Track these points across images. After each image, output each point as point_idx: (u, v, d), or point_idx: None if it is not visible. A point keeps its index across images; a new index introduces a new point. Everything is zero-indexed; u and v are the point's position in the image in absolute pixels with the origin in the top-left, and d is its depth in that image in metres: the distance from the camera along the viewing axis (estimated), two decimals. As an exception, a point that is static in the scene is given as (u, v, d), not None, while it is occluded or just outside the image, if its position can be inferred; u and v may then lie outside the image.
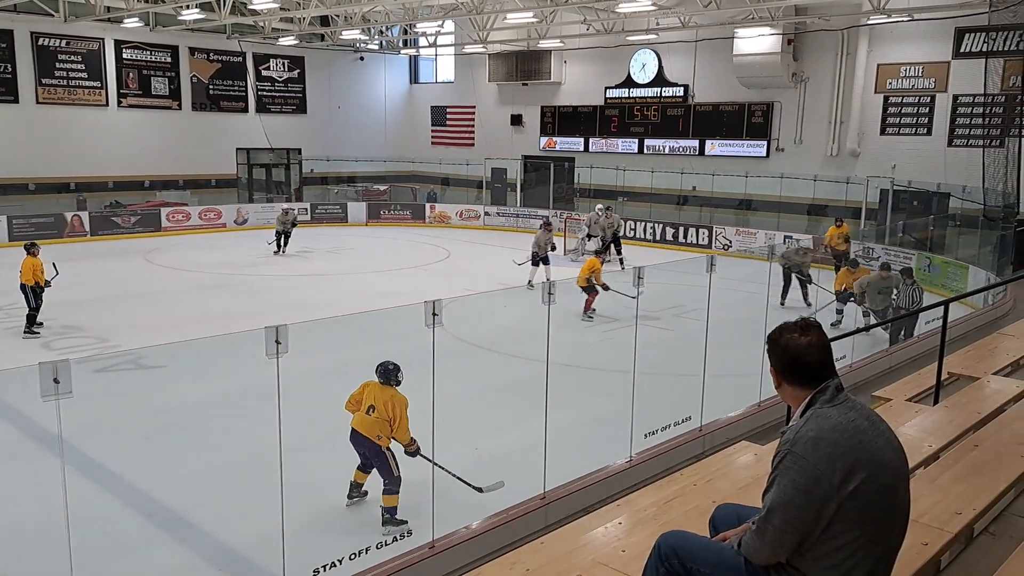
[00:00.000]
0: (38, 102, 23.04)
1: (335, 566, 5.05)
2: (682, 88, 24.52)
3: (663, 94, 24.97)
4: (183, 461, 7.64)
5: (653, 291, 8.00)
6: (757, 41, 21.62)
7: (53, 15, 22.30)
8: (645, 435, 7.16)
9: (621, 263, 18.35)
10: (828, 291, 13.58)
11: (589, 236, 19.68)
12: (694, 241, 22.62)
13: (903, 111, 20.40)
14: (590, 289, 13.18)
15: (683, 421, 7.60)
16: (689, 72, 24.37)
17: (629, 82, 25.70)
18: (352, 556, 5.14)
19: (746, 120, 23.30)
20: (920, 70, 19.94)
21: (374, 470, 6.52)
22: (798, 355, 2.60)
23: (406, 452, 6.41)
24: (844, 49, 21.00)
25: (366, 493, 6.69)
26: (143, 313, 13.82)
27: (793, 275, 14.50)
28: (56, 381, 3.68)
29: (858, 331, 9.41)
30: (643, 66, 25.31)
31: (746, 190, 23.05)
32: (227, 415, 8.84)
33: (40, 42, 22.88)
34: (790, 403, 2.69)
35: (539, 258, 16.82)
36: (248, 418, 8.15)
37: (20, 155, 22.60)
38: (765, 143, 22.93)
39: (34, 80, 22.89)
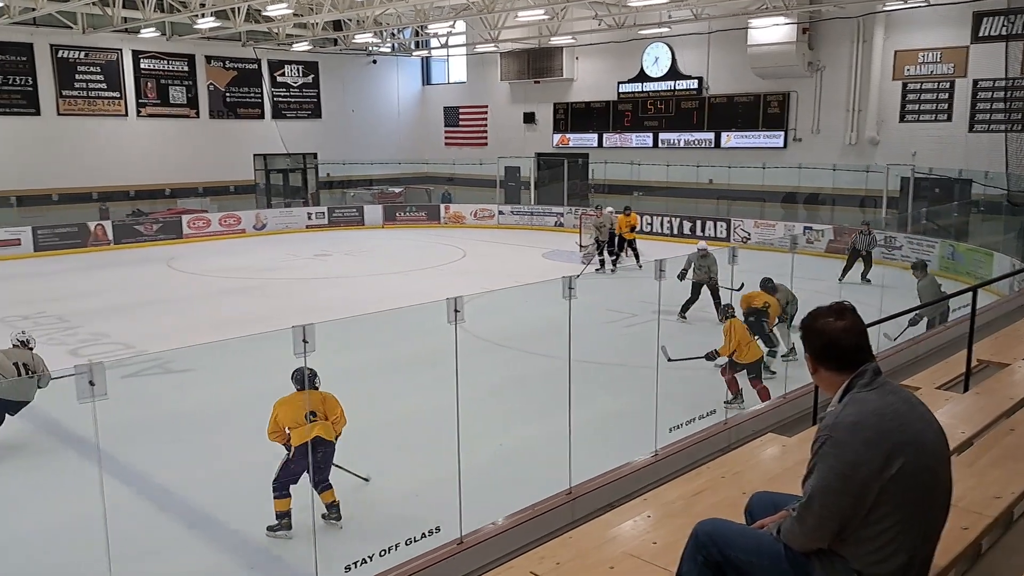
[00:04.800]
0: (59, 113, 23.34)
1: (366, 562, 5.09)
2: (696, 80, 24.41)
3: (677, 87, 24.88)
4: (213, 462, 7.73)
5: (670, 285, 8.00)
6: (772, 31, 21.48)
7: (72, 27, 22.56)
8: (670, 429, 7.15)
9: (614, 263, 18.16)
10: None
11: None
12: (711, 234, 22.51)
13: (922, 98, 20.20)
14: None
15: (708, 415, 7.58)
16: (703, 64, 24.26)
17: (642, 76, 25.62)
18: (382, 553, 5.17)
19: (762, 111, 23.16)
20: (938, 56, 19.73)
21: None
22: (834, 339, 2.58)
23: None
24: (860, 36, 20.82)
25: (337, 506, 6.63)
26: (168, 319, 13.97)
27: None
28: (91, 383, 3.74)
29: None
30: (656, 60, 25.23)
31: (763, 181, 22.92)
32: (255, 415, 8.90)
33: (60, 54, 23.17)
34: (826, 389, 2.67)
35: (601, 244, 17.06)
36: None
37: (43, 166, 22.90)
38: (782, 133, 22.78)
39: (55, 92, 23.18)
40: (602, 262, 17.84)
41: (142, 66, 24.90)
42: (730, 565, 2.67)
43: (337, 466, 6.47)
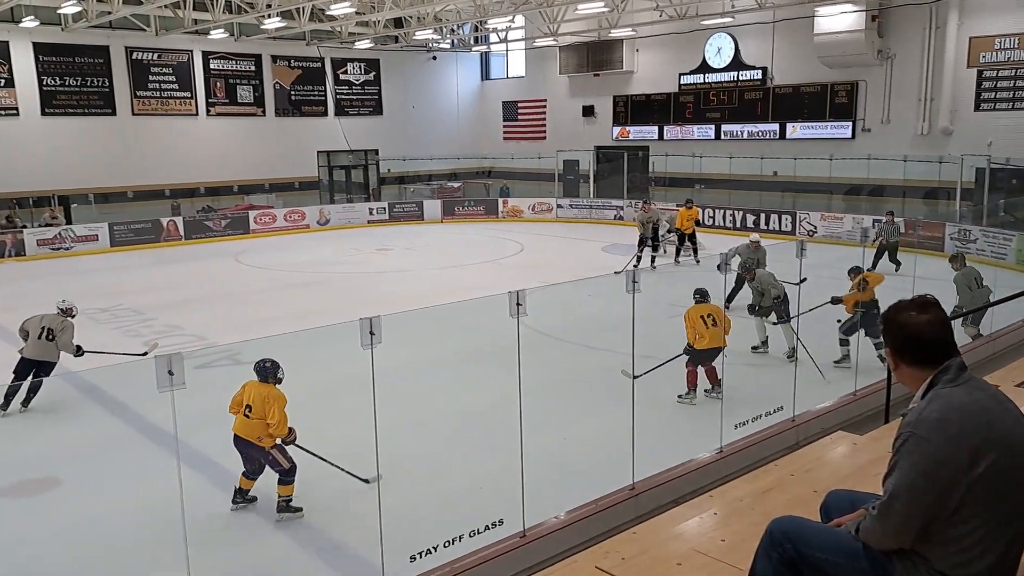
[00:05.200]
0: (133, 113, 24.19)
1: (431, 553, 5.15)
2: (760, 71, 23.92)
3: (740, 78, 24.41)
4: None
5: (729, 279, 7.87)
6: (839, 19, 20.90)
7: (145, 29, 23.36)
8: (735, 426, 7.06)
9: (678, 258, 17.83)
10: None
11: (668, 231, 19.34)
12: (776, 227, 22.05)
13: (999, 85, 19.39)
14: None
15: (774, 411, 7.45)
16: (767, 54, 23.75)
17: (704, 67, 25.22)
18: (447, 543, 5.23)
19: (829, 101, 22.56)
20: (1016, 41, 18.89)
21: (262, 474, 6.53)
22: (917, 333, 2.50)
23: (284, 443, 6.41)
24: (933, 23, 20.09)
25: (254, 499, 6.62)
26: (237, 311, 14.35)
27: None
28: (171, 373, 3.88)
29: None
30: (719, 50, 24.81)
31: (831, 173, 22.33)
32: (322, 405, 9.10)
33: (134, 56, 23.99)
34: (909, 385, 2.59)
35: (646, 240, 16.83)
36: (343, 408, 8.38)
37: (119, 165, 23.79)
38: (850, 124, 22.15)
39: (129, 92, 24.03)
40: (638, 258, 17.53)
41: (211, 66, 25.61)
42: (806, 563, 2.62)
43: (336, 466, 6.44)
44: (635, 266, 17.20)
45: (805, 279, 10.20)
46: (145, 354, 9.37)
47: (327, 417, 8.74)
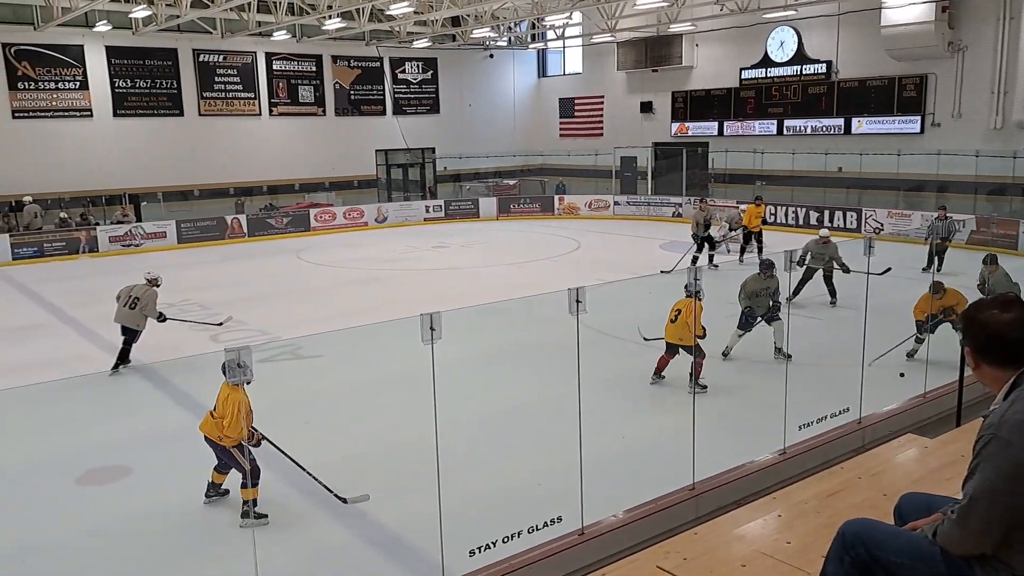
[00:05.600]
0: (200, 114, 24.88)
1: (489, 548, 5.16)
2: (824, 64, 23.35)
3: (803, 72, 23.89)
4: (340, 444, 8.04)
5: (795, 277, 7.70)
6: (908, 10, 20.27)
7: (211, 32, 24.00)
8: (799, 427, 6.90)
9: (741, 256, 17.45)
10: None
11: (731, 228, 19.01)
12: (841, 224, 21.49)
13: (1078, 76, 18.56)
14: None
15: (840, 413, 7.27)
16: (832, 47, 23.18)
17: (766, 61, 24.74)
18: (505, 539, 5.24)
19: (896, 95, 21.90)
20: (1098, 30, 18.06)
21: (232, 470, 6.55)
22: (1000, 332, 2.40)
23: (251, 447, 6.28)
24: (1006, 13, 19.33)
25: (227, 492, 6.71)
26: (298, 307, 14.64)
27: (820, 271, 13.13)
28: (239, 366, 3.97)
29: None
30: (781, 44, 24.31)
31: (899, 169, 21.67)
32: (382, 400, 9.22)
33: (201, 58, 24.68)
34: (991, 386, 2.49)
35: (700, 239, 16.62)
36: (402, 403, 8.47)
37: (185, 164, 24.51)
38: (919, 118, 21.46)
39: (196, 94, 24.72)
40: (695, 258, 17.20)
41: (274, 67, 26.18)
42: (880, 567, 2.54)
43: (316, 480, 6.39)
44: (691, 266, 16.94)
45: (889, 268, 9.90)
46: (221, 324, 11.04)
47: (386, 411, 8.86)
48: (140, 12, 20.45)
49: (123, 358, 10.40)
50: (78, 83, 22.74)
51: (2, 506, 6.92)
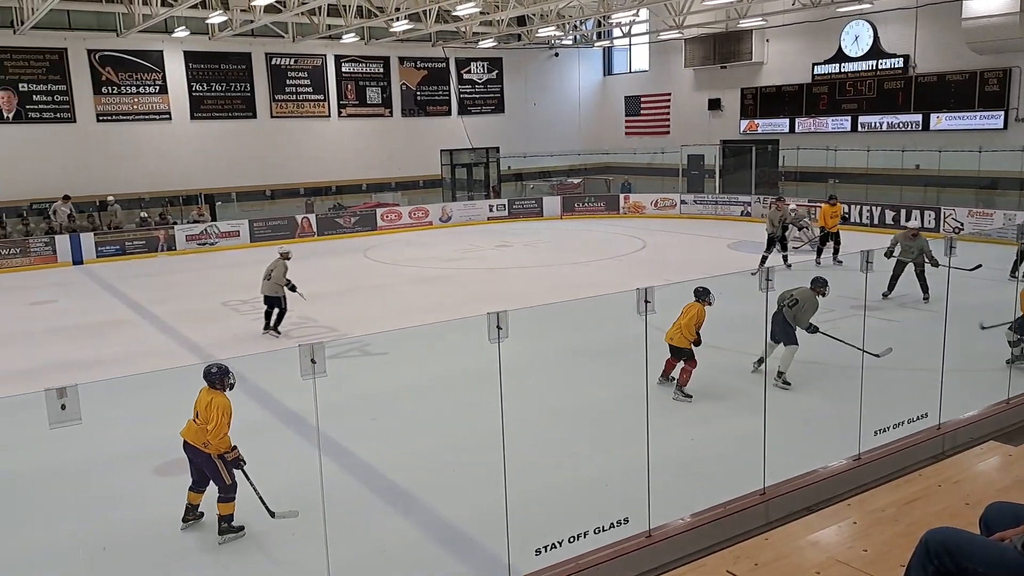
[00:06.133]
0: (272, 116, 25.55)
1: (555, 547, 5.16)
2: (901, 59, 22.58)
3: (879, 67, 23.14)
4: (407, 441, 8.15)
5: (871, 278, 7.46)
6: (990, 1, 19.44)
7: (283, 36, 24.61)
8: (875, 432, 6.70)
9: (818, 256, 17.00)
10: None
11: (800, 228, 18.55)
12: (918, 224, 20.63)
13: None
14: None
15: (918, 418, 7.03)
16: (909, 41, 22.40)
17: (840, 56, 24.07)
18: (571, 539, 5.23)
19: (978, 89, 21.02)
20: None
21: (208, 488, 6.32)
22: None
23: (226, 462, 6.10)
24: (1099, 1, 18.36)
25: (202, 515, 6.45)
26: (366, 305, 14.90)
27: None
28: (313, 362, 4.06)
29: None
30: (856, 38, 23.61)
31: (980, 166, 20.80)
32: (448, 398, 9.31)
33: (273, 62, 25.34)
34: None
35: (775, 238, 16.37)
36: (469, 400, 8.54)
37: (258, 165, 25.21)
38: (1002, 114, 20.57)
39: (268, 96, 25.40)
40: (764, 259, 16.82)
41: (343, 69, 26.69)
42: (966, 578, 2.45)
43: (257, 493, 6.16)
44: (786, 264, 16.67)
45: (980, 265, 9.50)
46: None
47: (453, 409, 8.94)
48: (216, 18, 21.11)
49: (273, 326, 12.58)
50: (158, 87, 23.61)
51: (89, 493, 7.22)
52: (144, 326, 13.86)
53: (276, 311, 12.59)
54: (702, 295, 8.64)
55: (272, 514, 6.08)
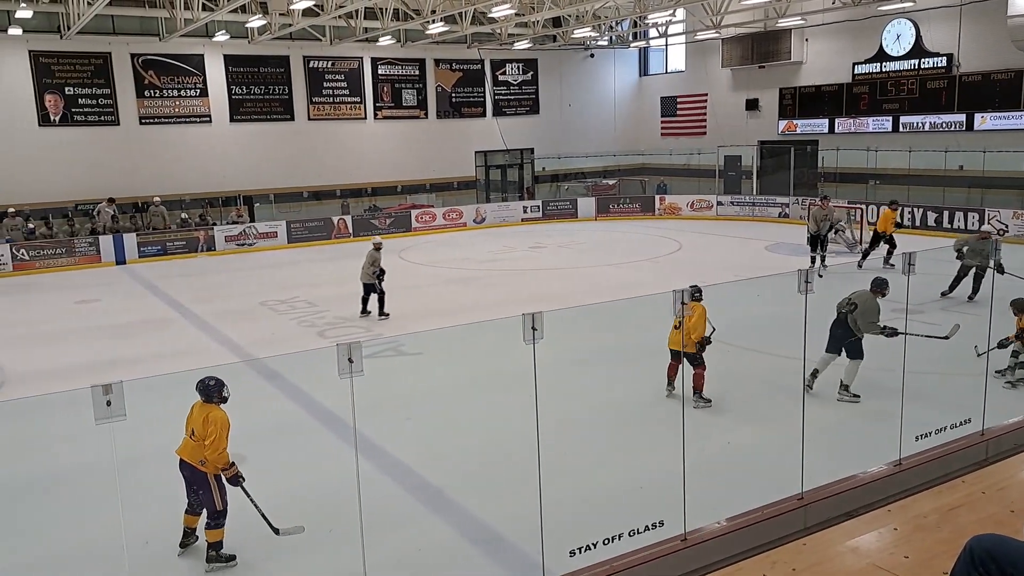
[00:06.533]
0: (309, 119, 25.85)
1: (590, 549, 5.15)
2: (944, 58, 22.14)
3: (921, 66, 22.72)
4: (442, 441, 8.19)
5: (913, 281, 7.33)
6: (1039, -3, 18.97)
7: (321, 39, 24.90)
8: (916, 437, 6.57)
9: (863, 258, 16.74)
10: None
11: (835, 230, 18.29)
12: (961, 226, 20.33)
13: None
14: None
15: (961, 424, 6.88)
16: (953, 40, 21.94)
17: (881, 55, 23.67)
18: (606, 541, 5.21)
19: (1025, 88, 20.55)
20: None
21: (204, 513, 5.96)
22: None
23: (226, 479, 5.81)
24: None
25: (196, 539, 6.07)
26: (400, 305, 14.96)
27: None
28: (350, 361, 4.10)
29: None
30: (897, 37, 23.19)
31: (1025, 167, 20.34)
32: (483, 398, 9.34)
33: (310, 64, 25.65)
34: None
35: (818, 239, 16.23)
36: (503, 401, 8.55)
37: (295, 167, 25.53)
38: (1050, 113, 20.06)
39: (306, 99, 25.71)
40: (814, 259, 16.63)
41: (379, 72, 26.92)
42: (1013, 588, 2.39)
43: (258, 509, 5.88)
44: (823, 265, 16.53)
45: None
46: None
47: (487, 409, 8.96)
48: (256, 22, 21.43)
49: (378, 311, 13.69)
50: (198, 90, 24.03)
51: (132, 488, 7.37)
52: (185, 325, 14.12)
53: (375, 296, 13.75)
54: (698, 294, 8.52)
55: (276, 531, 5.85)
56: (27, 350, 12.59)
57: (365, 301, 13.90)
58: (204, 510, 5.91)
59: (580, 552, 5.14)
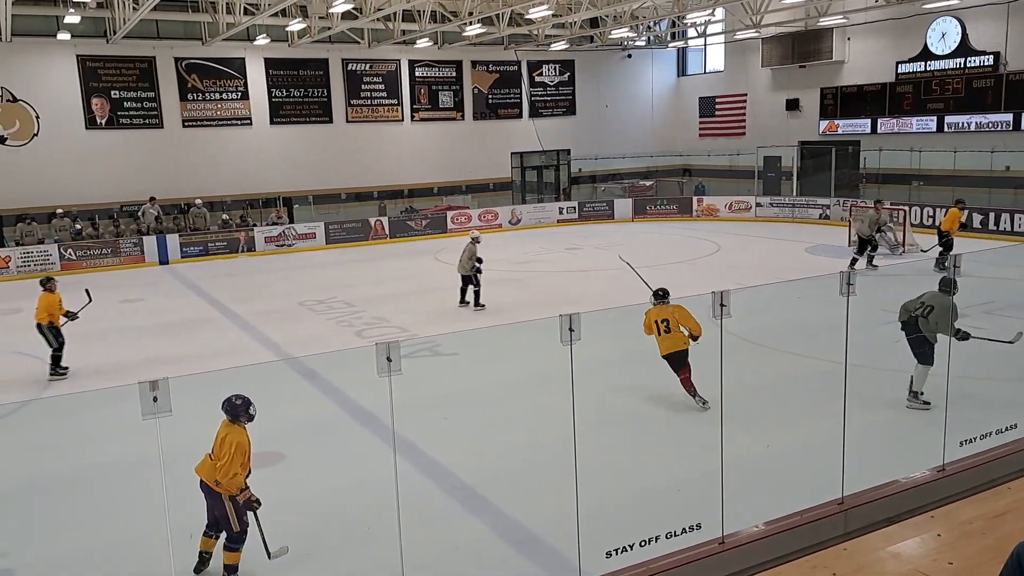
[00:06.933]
0: (347, 121, 26.14)
1: (626, 551, 5.14)
2: (991, 56, 21.64)
3: (967, 64, 22.23)
4: (479, 441, 8.22)
5: (960, 284, 7.19)
6: (1092, -8, 18.45)
7: (359, 42, 25.16)
8: (960, 443, 6.45)
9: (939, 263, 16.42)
10: None
11: (880, 231, 17.98)
12: (1008, 228, 19.86)
13: None
14: None
15: (1007, 429, 6.72)
16: (1000, 38, 21.45)
17: (925, 54, 23.21)
18: (643, 543, 5.20)
19: (1076, 86, 20.01)
20: None
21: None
22: None
23: (237, 505, 5.56)
24: None
25: (209, 558, 5.82)
26: (436, 306, 15.09)
27: None
28: (389, 360, 4.15)
29: None
30: (943, 35, 22.73)
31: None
32: (519, 399, 9.36)
33: (349, 67, 25.93)
34: None
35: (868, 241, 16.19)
36: (540, 402, 8.57)
37: (334, 169, 25.83)
38: (1102, 111, 19.50)
39: (344, 101, 26.00)
40: (855, 261, 16.40)
41: (416, 74, 27.12)
42: (1062, 597, 2.34)
43: (260, 531, 5.64)
44: (872, 265, 16.35)
45: None
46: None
47: (524, 410, 8.98)
48: (296, 25, 21.73)
49: (473, 301, 14.34)
50: (239, 93, 24.43)
51: (176, 483, 7.52)
52: (226, 324, 14.36)
53: (472, 288, 14.38)
54: (660, 296, 8.61)
55: (269, 555, 5.62)
56: (73, 348, 12.91)
57: (463, 292, 14.52)
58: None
59: (617, 553, 5.13)
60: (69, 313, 11.30)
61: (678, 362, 8.45)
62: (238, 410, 5.60)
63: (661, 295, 8.77)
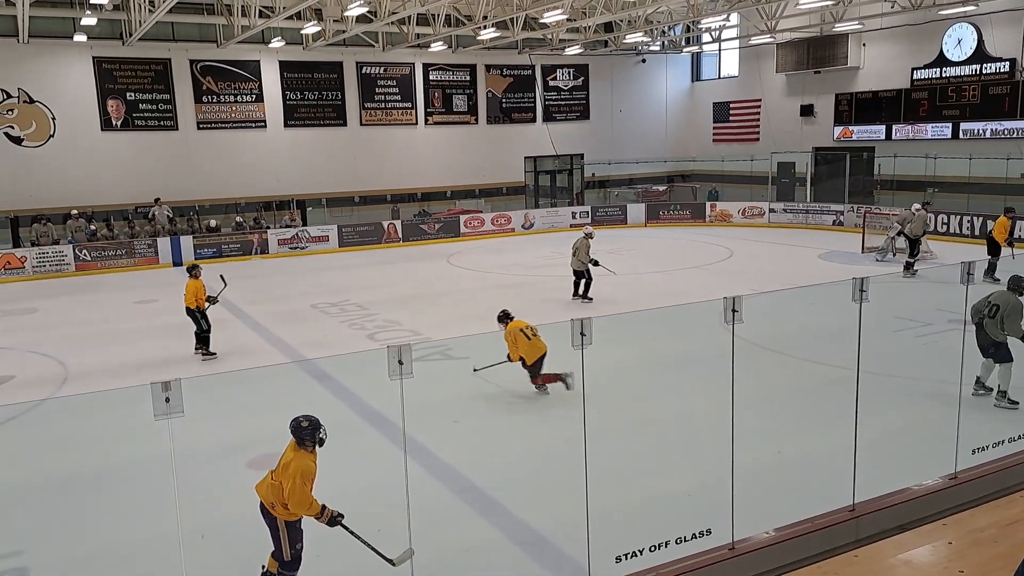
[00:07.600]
0: (361, 124, 26.25)
1: (636, 556, 5.14)
2: (1008, 63, 21.50)
3: (983, 71, 22.10)
4: (489, 444, 8.23)
5: (972, 292, 7.14)
6: (1111, -1, 18.30)
7: (374, 46, 25.28)
8: (973, 451, 6.40)
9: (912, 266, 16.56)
10: None
11: (900, 233, 17.90)
12: (1021, 236, 19.66)
13: None
14: None
15: (1020, 437, 6.68)
16: (1016, 44, 21.33)
17: (941, 60, 23.09)
18: (652, 548, 5.19)
19: (1094, 93, 19.83)
20: None
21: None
22: None
23: (324, 524, 5.38)
24: None
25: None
26: (449, 309, 15.12)
27: None
28: (400, 363, 4.17)
29: None
30: (959, 42, 22.60)
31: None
32: (530, 403, 9.36)
33: (363, 71, 26.05)
34: None
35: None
36: (551, 406, 8.57)
37: (347, 172, 25.95)
38: (1121, 119, 19.32)
39: (358, 104, 26.12)
40: (909, 265, 16.54)
41: (430, 77, 27.21)
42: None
43: (367, 544, 5.40)
44: (912, 271, 16.39)
45: None
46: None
47: (535, 414, 8.98)
48: (311, 28, 21.86)
49: (583, 294, 14.99)
50: (254, 96, 24.59)
51: (189, 483, 7.57)
52: (239, 325, 14.43)
53: (583, 282, 15.04)
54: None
55: (391, 562, 5.31)
56: (88, 348, 13.02)
57: (576, 285, 15.20)
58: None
59: (626, 558, 5.13)
60: (211, 297, 12.10)
61: (540, 367, 9.10)
62: (303, 434, 5.26)
63: (505, 315, 9.85)
